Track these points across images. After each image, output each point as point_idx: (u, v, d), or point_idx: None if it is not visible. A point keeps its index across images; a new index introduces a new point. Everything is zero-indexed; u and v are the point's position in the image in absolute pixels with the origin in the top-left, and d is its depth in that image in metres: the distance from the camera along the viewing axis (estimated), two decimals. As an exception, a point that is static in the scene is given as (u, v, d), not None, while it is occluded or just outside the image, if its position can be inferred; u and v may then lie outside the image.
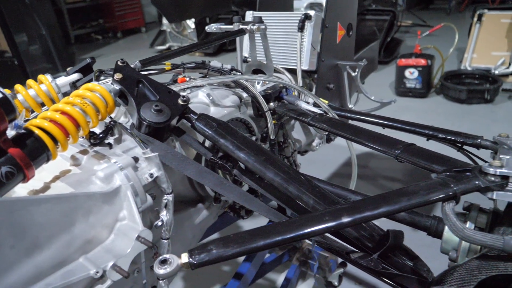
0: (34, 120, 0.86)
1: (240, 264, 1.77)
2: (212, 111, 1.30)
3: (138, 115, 0.98)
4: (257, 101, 1.36)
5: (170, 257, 0.75)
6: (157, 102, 1.01)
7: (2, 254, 0.68)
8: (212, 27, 1.57)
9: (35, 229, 0.73)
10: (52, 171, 0.93)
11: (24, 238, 0.71)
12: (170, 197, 1.00)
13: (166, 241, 1.02)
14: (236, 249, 0.78)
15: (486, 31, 5.27)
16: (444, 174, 0.87)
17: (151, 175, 0.96)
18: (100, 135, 1.00)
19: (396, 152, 1.02)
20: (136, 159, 0.96)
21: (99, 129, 1.04)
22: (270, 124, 1.39)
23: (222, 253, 0.77)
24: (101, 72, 1.18)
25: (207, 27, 1.57)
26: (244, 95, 1.42)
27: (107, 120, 1.04)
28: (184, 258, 0.76)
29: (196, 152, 1.21)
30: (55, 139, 0.87)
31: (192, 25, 7.59)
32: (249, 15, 1.82)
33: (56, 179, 0.91)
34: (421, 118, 4.22)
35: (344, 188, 1.21)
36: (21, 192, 0.87)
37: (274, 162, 1.04)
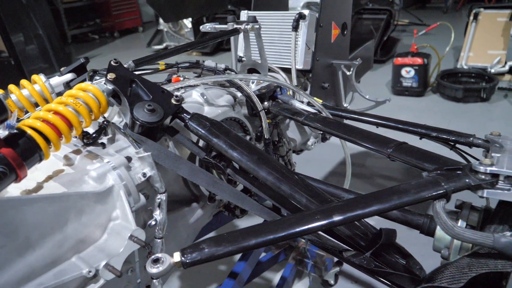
0: (27, 120, 0.87)
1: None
2: (206, 110, 1.30)
3: (131, 114, 0.99)
4: (251, 100, 1.36)
5: (163, 256, 0.75)
6: (150, 101, 1.01)
7: (-6, 253, 0.68)
8: (207, 27, 1.57)
9: (27, 228, 0.73)
10: (45, 171, 0.93)
11: (16, 237, 0.71)
12: (164, 196, 1.00)
13: (159, 240, 1.03)
14: (228, 248, 0.78)
15: (482, 30, 5.28)
16: (435, 172, 0.87)
17: (144, 174, 0.97)
18: (93, 135, 1.00)
19: (388, 150, 1.03)
20: (129, 158, 0.97)
21: (92, 129, 1.04)
22: (265, 123, 1.39)
23: (214, 252, 0.77)
24: (94, 72, 1.18)
25: (201, 26, 1.58)
26: (239, 94, 1.43)
27: (101, 120, 1.04)
28: (177, 257, 0.76)
29: (190, 152, 1.21)
30: (47, 139, 0.87)
31: (189, 24, 7.59)
32: (244, 15, 1.82)
33: (49, 179, 0.91)
34: (417, 117, 4.23)
35: (337, 187, 1.21)
36: (13, 192, 0.87)
37: (267, 161, 1.05)
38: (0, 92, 1.08)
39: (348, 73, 1.88)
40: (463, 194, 0.87)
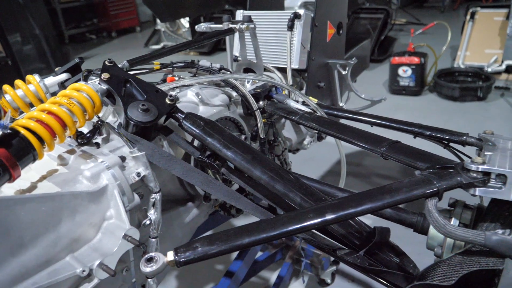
0: (20, 120, 0.87)
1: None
2: (201, 110, 1.31)
3: (125, 114, 0.99)
4: (246, 100, 1.37)
5: (156, 255, 0.76)
6: (144, 101, 1.01)
7: (-13, 253, 0.68)
8: (202, 26, 1.57)
9: (20, 228, 0.73)
10: (39, 171, 0.94)
11: (8, 237, 0.71)
12: (158, 196, 1.01)
13: (154, 239, 1.03)
14: (221, 246, 0.78)
15: (479, 29, 5.30)
16: (427, 171, 0.88)
17: (138, 174, 0.97)
18: (87, 135, 1.00)
19: (382, 149, 1.03)
20: (123, 158, 0.97)
21: (86, 128, 1.04)
22: (260, 122, 1.39)
23: (207, 250, 0.78)
24: (89, 72, 1.18)
25: (197, 26, 1.58)
26: (234, 94, 1.43)
27: (95, 120, 1.05)
28: (170, 256, 0.76)
29: (184, 152, 1.21)
30: (41, 139, 0.87)
31: (187, 24, 7.59)
32: (239, 14, 1.83)
33: (43, 178, 0.91)
34: (414, 116, 4.24)
35: (332, 185, 1.22)
36: (7, 192, 0.87)
37: (261, 160, 1.05)
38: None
39: (343, 72, 1.88)
40: (459, 192, 0.87)
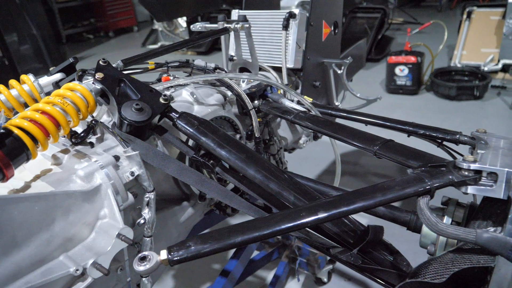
0: (14, 120, 0.87)
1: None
2: (196, 109, 1.31)
3: (119, 114, 0.99)
4: (241, 99, 1.37)
5: (149, 254, 0.76)
6: (138, 101, 1.02)
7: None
8: (197, 26, 1.58)
9: (13, 227, 0.73)
10: (33, 170, 0.94)
11: (1, 236, 0.72)
12: (152, 195, 1.01)
13: (148, 238, 1.03)
14: (214, 245, 0.79)
15: (475, 28, 5.31)
16: (419, 169, 0.88)
17: (132, 173, 0.97)
18: (81, 134, 1.00)
19: (375, 148, 1.03)
20: (117, 157, 0.97)
21: (81, 128, 1.04)
22: (255, 122, 1.40)
23: (200, 249, 0.78)
24: (83, 72, 1.18)
25: (192, 26, 1.58)
26: (229, 93, 1.43)
27: (89, 119, 1.05)
28: (163, 254, 0.77)
29: (179, 151, 1.21)
30: (35, 139, 0.87)
31: (184, 23, 7.59)
32: (235, 14, 1.83)
33: (36, 178, 0.91)
34: (411, 115, 4.25)
35: (326, 184, 1.22)
36: (1, 191, 0.87)
37: (255, 159, 1.05)
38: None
39: (339, 71, 1.88)
40: (454, 191, 0.87)
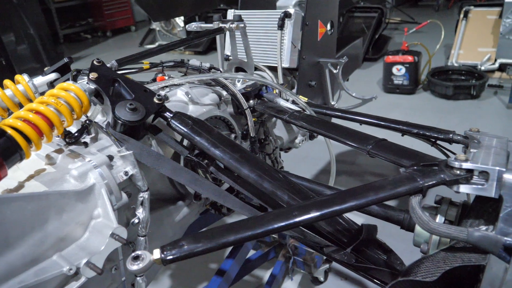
0: (7, 119, 0.87)
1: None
2: (191, 109, 1.31)
3: (113, 113, 0.99)
4: (236, 99, 1.37)
5: (143, 253, 0.76)
6: (132, 100, 1.02)
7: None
8: (193, 26, 1.58)
9: (6, 227, 0.74)
10: (27, 170, 0.94)
11: (-6, 236, 0.72)
12: (146, 194, 1.01)
13: (142, 238, 1.03)
14: (207, 244, 0.79)
15: (472, 28, 5.32)
16: (411, 168, 0.88)
17: (126, 173, 0.97)
18: (75, 134, 1.01)
19: (368, 147, 1.04)
20: (111, 157, 0.97)
21: (75, 128, 1.04)
22: (250, 121, 1.40)
23: (193, 248, 0.78)
24: (78, 72, 1.18)
25: (187, 25, 1.58)
26: (224, 93, 1.43)
27: (83, 119, 1.05)
28: (156, 254, 0.77)
29: (174, 151, 1.21)
30: (28, 139, 0.87)
31: (182, 23, 7.57)
32: (230, 14, 1.83)
33: (30, 178, 0.92)
34: (408, 114, 4.26)
35: (320, 183, 1.23)
36: (-6, 191, 0.87)
37: (249, 159, 1.05)
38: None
39: (334, 71, 1.89)
40: (450, 190, 0.87)
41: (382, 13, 6.21)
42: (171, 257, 0.77)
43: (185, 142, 1.21)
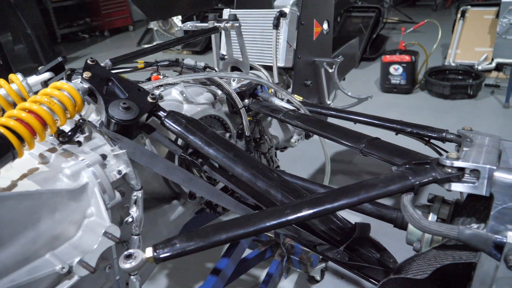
0: (0, 118, 0.87)
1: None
2: (186, 108, 1.31)
3: (106, 112, 0.99)
4: (231, 98, 1.37)
5: (135, 251, 0.76)
6: (125, 99, 1.02)
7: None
8: (188, 25, 1.58)
9: (-2, 226, 0.74)
10: (20, 169, 0.94)
11: (-14, 235, 0.72)
12: (139, 193, 1.01)
13: (136, 237, 1.03)
14: (200, 243, 0.79)
15: (469, 27, 5.34)
16: (403, 166, 0.89)
17: (120, 172, 0.97)
18: (69, 133, 1.01)
19: (361, 146, 1.04)
20: (105, 156, 0.97)
21: (69, 127, 1.04)
22: (245, 120, 1.40)
23: (185, 247, 0.79)
24: (72, 71, 1.18)
25: (182, 25, 1.59)
26: (219, 92, 1.43)
27: (77, 118, 1.05)
28: (149, 252, 0.77)
29: (168, 150, 1.22)
30: (21, 138, 0.87)
31: (179, 23, 7.57)
32: (226, 13, 1.83)
33: (23, 177, 0.92)
34: (405, 114, 4.27)
35: (314, 182, 1.23)
36: (-13, 190, 0.87)
37: (243, 158, 1.06)
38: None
39: (330, 70, 1.89)
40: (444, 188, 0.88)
41: (380, 12, 6.22)
42: (163, 255, 0.77)
43: (179, 142, 1.22)
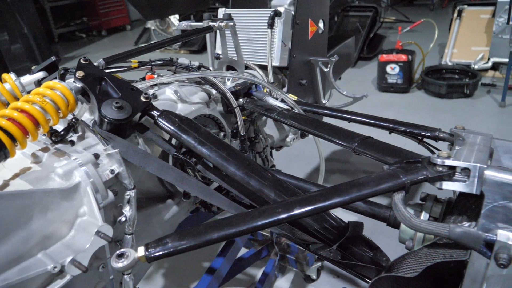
0: (-8, 118, 0.87)
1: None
2: (180, 107, 1.31)
3: (99, 112, 0.99)
4: (226, 97, 1.37)
5: (127, 250, 0.76)
6: (118, 99, 1.02)
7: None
8: (182, 24, 1.58)
9: (-11, 225, 0.74)
10: (12, 169, 0.94)
11: (-23, 234, 0.72)
12: (132, 193, 1.01)
13: (129, 236, 1.03)
14: (191, 242, 0.79)
15: (466, 27, 5.35)
16: (395, 165, 0.89)
17: (112, 171, 0.97)
18: (62, 133, 1.01)
19: (354, 145, 1.05)
20: (97, 155, 0.97)
21: (62, 126, 1.04)
22: (240, 120, 1.40)
23: (177, 246, 0.79)
24: (65, 71, 1.18)
25: (177, 24, 1.59)
26: (214, 91, 1.44)
27: (70, 118, 1.05)
28: (141, 251, 0.77)
29: (162, 149, 1.22)
30: (13, 137, 0.87)
31: (177, 22, 7.56)
32: (221, 12, 1.83)
33: (15, 176, 0.91)
34: (402, 113, 4.27)
35: (308, 181, 1.23)
36: (-21, 190, 0.87)
37: (236, 157, 1.06)
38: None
39: (325, 69, 1.89)
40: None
41: (377, 12, 6.22)
42: (155, 254, 0.77)
43: (173, 141, 1.22)
